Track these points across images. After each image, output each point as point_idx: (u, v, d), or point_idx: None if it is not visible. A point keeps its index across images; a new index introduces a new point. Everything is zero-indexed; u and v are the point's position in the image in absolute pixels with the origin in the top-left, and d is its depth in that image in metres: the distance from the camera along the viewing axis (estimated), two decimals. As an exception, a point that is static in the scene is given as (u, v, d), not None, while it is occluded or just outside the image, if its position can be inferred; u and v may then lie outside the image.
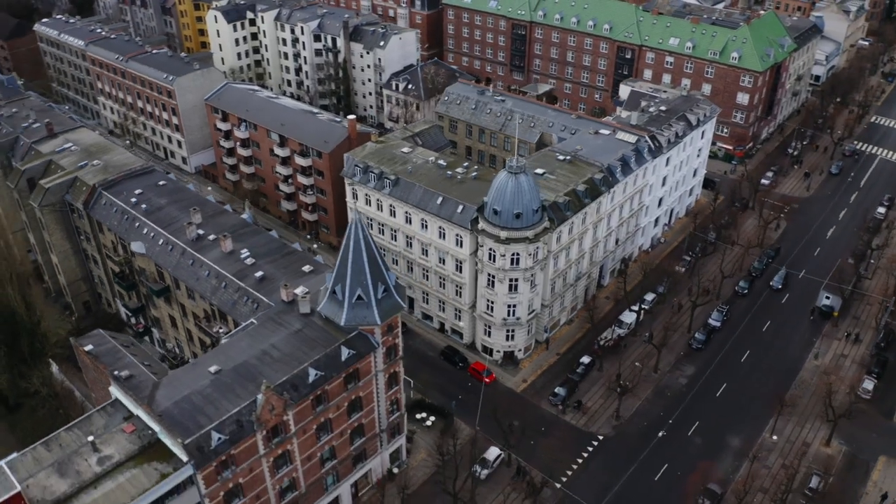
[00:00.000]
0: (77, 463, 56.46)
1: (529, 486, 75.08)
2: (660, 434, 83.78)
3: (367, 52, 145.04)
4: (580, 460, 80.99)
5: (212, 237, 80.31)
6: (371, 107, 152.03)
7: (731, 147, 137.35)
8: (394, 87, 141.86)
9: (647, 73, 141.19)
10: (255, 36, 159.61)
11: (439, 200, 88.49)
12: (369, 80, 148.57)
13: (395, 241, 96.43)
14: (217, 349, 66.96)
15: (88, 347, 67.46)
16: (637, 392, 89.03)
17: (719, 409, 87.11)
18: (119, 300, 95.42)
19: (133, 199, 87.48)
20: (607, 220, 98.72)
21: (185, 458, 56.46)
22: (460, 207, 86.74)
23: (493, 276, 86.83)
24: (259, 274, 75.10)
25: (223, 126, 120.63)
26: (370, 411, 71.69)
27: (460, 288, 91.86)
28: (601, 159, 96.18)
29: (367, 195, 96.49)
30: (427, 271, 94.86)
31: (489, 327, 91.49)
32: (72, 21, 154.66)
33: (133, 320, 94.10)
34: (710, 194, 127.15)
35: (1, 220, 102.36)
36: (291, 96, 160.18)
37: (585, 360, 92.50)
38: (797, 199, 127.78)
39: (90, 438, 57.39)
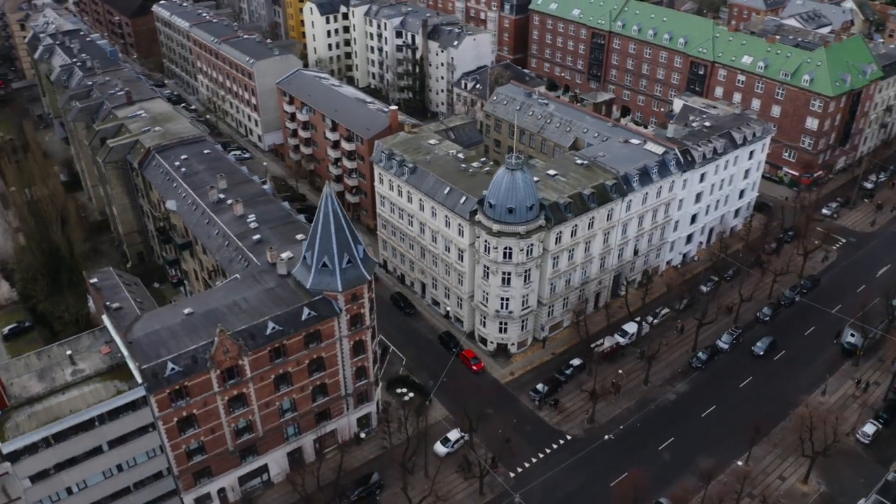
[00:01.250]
0: (55, 372, 65.61)
1: (479, 468, 77.56)
2: (629, 443, 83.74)
3: (442, 51, 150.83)
4: (541, 455, 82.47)
5: (229, 202, 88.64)
6: (442, 104, 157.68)
7: (797, 173, 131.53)
8: (463, 86, 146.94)
9: (719, 91, 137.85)
10: (346, 29, 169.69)
11: (446, 190, 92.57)
12: (442, 78, 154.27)
13: (411, 226, 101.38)
14: (197, 296, 75.08)
15: (93, 280, 77.34)
16: (619, 400, 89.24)
17: (700, 429, 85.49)
18: (162, 253, 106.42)
19: (177, 163, 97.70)
20: (621, 229, 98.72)
21: (139, 380, 64.25)
22: (463, 198, 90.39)
23: (488, 268, 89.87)
24: (257, 237, 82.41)
25: (289, 109, 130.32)
26: (334, 373, 77.07)
27: (461, 276, 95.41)
28: (619, 167, 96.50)
29: (389, 180, 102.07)
30: (435, 258, 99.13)
31: (484, 318, 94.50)
32: (184, 4, 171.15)
33: (172, 272, 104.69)
34: (764, 218, 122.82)
35: (85, 174, 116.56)
36: (373, 88, 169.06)
37: (575, 362, 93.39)
38: (857, 233, 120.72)
39: (68, 352, 66.53)
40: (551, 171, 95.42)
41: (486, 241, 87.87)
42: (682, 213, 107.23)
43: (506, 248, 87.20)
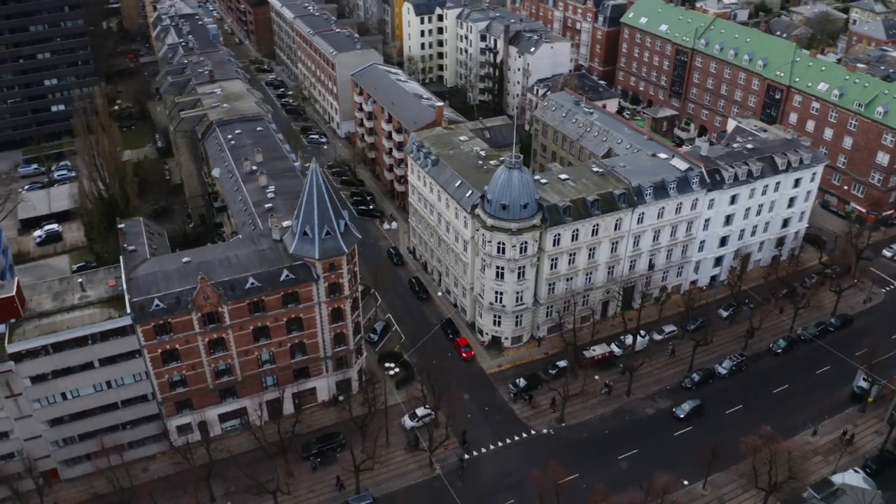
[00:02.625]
0: (66, 295, 77.05)
1: (430, 443, 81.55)
2: (590, 447, 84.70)
3: (520, 56, 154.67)
4: (500, 444, 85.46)
5: (257, 173, 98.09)
6: (517, 107, 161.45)
7: (864, 210, 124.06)
8: (535, 92, 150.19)
9: (793, 117, 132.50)
10: (440, 30, 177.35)
11: (457, 183, 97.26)
12: (518, 83, 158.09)
13: (431, 216, 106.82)
14: (199, 249, 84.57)
15: (121, 225, 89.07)
16: (595, 406, 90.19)
17: (667, 447, 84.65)
18: (213, 215, 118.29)
19: (230, 137, 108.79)
20: (632, 240, 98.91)
21: (128, 310, 74.32)
22: (469, 192, 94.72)
23: (485, 261, 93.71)
24: (269, 205, 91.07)
25: (358, 99, 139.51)
26: (312, 335, 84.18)
27: (465, 267, 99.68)
28: (635, 178, 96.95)
29: (417, 171, 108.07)
30: (447, 248, 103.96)
31: (481, 309, 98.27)
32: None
33: (217, 233, 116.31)
34: (815, 251, 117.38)
35: (174, 142, 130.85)
36: (459, 88, 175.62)
37: (562, 363, 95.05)
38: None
39: (80, 280, 77.93)
40: (563, 176, 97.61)
41: (483, 234, 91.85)
42: (708, 233, 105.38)
43: (499, 243, 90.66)
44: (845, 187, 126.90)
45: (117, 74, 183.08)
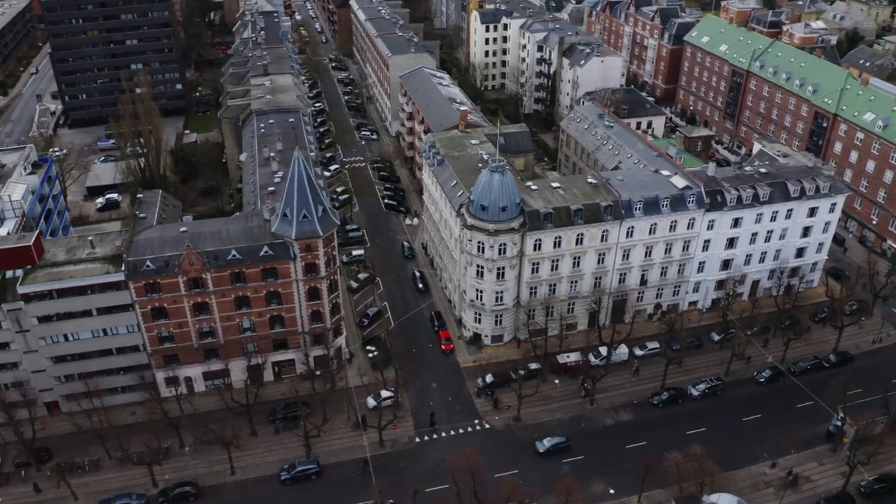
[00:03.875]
0: (78, 250, 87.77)
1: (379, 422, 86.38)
2: (535, 447, 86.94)
3: (570, 69, 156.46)
4: (453, 433, 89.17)
5: (272, 160, 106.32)
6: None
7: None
8: (580, 104, 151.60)
9: (837, 147, 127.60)
10: (505, 39, 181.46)
11: (453, 183, 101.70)
12: (567, 94, 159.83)
13: (436, 212, 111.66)
14: (198, 222, 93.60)
15: (139, 196, 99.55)
16: (556, 411, 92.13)
17: (616, 458, 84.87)
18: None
19: (262, 125, 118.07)
20: (621, 253, 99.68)
21: (123, 268, 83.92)
22: (461, 192, 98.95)
23: (466, 259, 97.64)
24: (272, 188, 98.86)
25: (402, 100, 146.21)
26: (290, 310, 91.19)
27: (455, 264, 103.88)
28: (626, 192, 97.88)
29: (427, 169, 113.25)
30: (445, 244, 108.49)
31: (464, 305, 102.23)
32: (374, 1, 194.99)
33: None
34: (835, 286, 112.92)
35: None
36: (517, 96, 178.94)
37: (533, 366, 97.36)
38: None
39: (90, 239, 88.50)
40: (555, 184, 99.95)
41: (464, 232, 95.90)
42: (708, 254, 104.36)
43: (479, 243, 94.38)
44: (883, 223, 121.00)
45: (207, 64, 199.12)
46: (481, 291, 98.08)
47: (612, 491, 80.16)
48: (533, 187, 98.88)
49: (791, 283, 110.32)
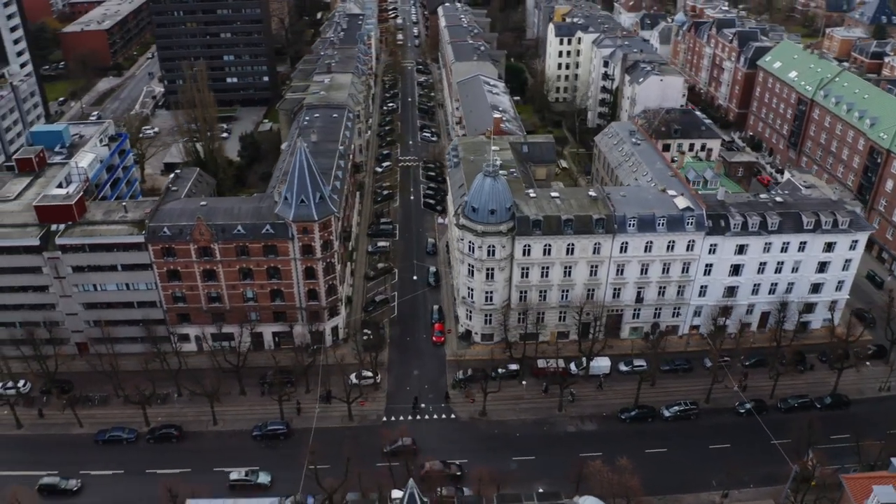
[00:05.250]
0: (113, 213, 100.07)
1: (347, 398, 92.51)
2: (495, 442, 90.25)
3: (630, 86, 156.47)
4: (419, 417, 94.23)
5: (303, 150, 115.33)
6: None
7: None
8: (635, 122, 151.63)
9: (889, 184, 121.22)
10: (578, 53, 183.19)
11: (460, 185, 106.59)
12: (625, 111, 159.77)
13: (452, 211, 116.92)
14: (218, 199, 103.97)
15: (178, 171, 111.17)
16: (523, 412, 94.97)
17: (565, 463, 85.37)
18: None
19: (307, 118, 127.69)
20: (614, 267, 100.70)
21: (143, 232, 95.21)
22: (463, 193, 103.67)
23: (459, 258, 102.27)
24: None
25: (456, 105, 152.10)
26: (289, 285, 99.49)
27: (458, 261, 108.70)
28: (623, 208, 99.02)
29: (447, 170, 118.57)
30: (454, 242, 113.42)
31: (458, 301, 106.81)
32: (457, 5, 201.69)
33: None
34: (857, 327, 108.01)
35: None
36: (583, 108, 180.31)
37: (513, 366, 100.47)
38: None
39: (124, 204, 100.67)
40: (554, 194, 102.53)
41: (457, 231, 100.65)
42: (710, 279, 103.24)
43: (469, 242, 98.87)
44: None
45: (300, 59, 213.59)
46: (471, 290, 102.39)
47: (540, 490, 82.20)
48: (531, 195, 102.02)
49: (807, 320, 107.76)
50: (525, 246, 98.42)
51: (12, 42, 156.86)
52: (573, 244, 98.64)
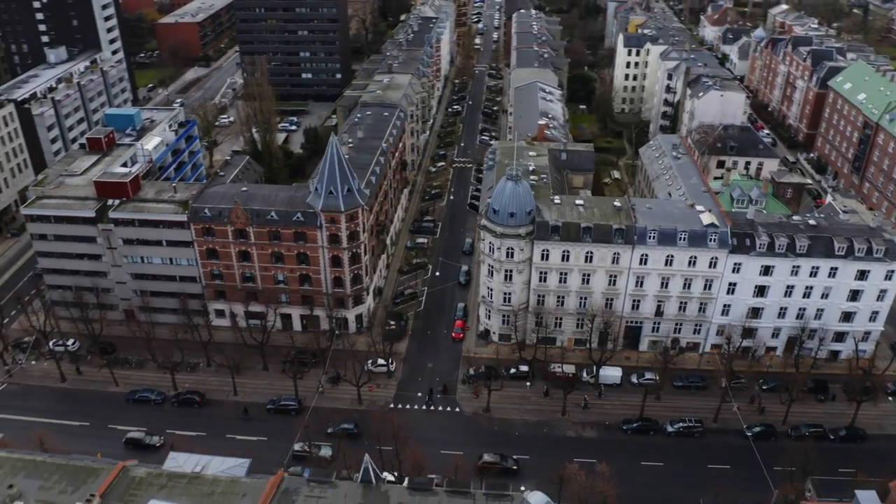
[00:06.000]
0: (164, 192, 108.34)
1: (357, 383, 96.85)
2: (493, 439, 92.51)
3: (690, 99, 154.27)
4: (424, 407, 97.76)
5: (348, 145, 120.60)
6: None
7: None
8: (692, 136, 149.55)
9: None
10: (646, 64, 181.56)
11: (490, 186, 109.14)
12: (685, 125, 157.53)
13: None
14: (260, 185, 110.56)
15: (228, 158, 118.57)
16: (527, 412, 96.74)
17: (556, 467, 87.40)
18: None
19: (359, 115, 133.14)
20: (633, 278, 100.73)
21: (187, 212, 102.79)
22: (491, 196, 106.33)
23: (480, 258, 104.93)
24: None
25: (510, 109, 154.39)
26: (316, 271, 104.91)
27: (480, 261, 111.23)
28: (646, 221, 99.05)
29: (484, 173, 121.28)
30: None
31: (479, 300, 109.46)
32: (532, 14, 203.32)
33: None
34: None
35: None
36: (645, 119, 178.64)
37: (523, 368, 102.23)
38: None
39: (174, 185, 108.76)
40: (579, 202, 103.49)
41: (480, 232, 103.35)
42: (734, 298, 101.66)
43: (490, 243, 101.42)
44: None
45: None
46: (490, 290, 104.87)
47: (522, 488, 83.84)
48: (556, 201, 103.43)
49: (837, 349, 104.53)
50: (543, 250, 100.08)
51: (105, 30, 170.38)
52: (592, 252, 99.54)
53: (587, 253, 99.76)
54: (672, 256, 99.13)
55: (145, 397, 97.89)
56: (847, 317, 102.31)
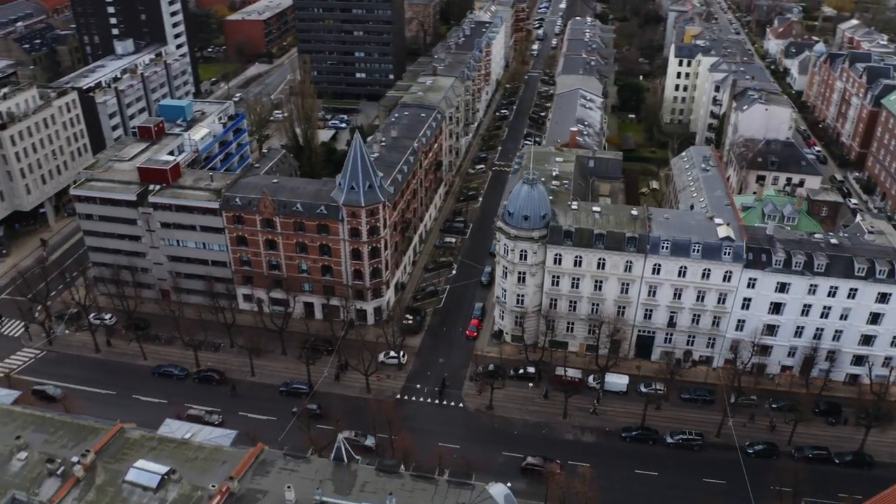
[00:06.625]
0: (201, 180, 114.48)
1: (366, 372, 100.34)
2: (494, 436, 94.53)
3: (734, 112, 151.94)
4: (429, 400, 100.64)
5: (380, 143, 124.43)
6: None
7: None
8: (733, 148, 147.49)
9: None
10: (697, 75, 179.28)
11: (510, 190, 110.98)
12: (729, 138, 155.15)
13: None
14: (290, 178, 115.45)
15: (265, 151, 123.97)
16: (530, 413, 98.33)
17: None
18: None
19: (397, 115, 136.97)
20: (646, 288, 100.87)
21: (219, 200, 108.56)
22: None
23: (496, 258, 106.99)
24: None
25: (550, 116, 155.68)
26: (337, 263, 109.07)
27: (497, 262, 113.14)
28: (662, 231, 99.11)
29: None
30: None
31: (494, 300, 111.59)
32: (587, 21, 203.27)
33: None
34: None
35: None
36: (692, 131, 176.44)
37: (530, 369, 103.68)
38: None
39: (211, 174, 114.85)
40: (596, 209, 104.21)
41: (496, 233, 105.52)
42: (748, 314, 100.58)
43: (504, 245, 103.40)
44: None
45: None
46: (504, 290, 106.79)
47: (508, 484, 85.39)
48: (573, 206, 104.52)
49: (856, 373, 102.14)
50: (556, 255, 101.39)
51: (171, 25, 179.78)
52: (604, 259, 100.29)
53: (599, 259, 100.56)
54: (685, 268, 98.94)
55: (169, 372, 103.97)
56: (867, 340, 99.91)
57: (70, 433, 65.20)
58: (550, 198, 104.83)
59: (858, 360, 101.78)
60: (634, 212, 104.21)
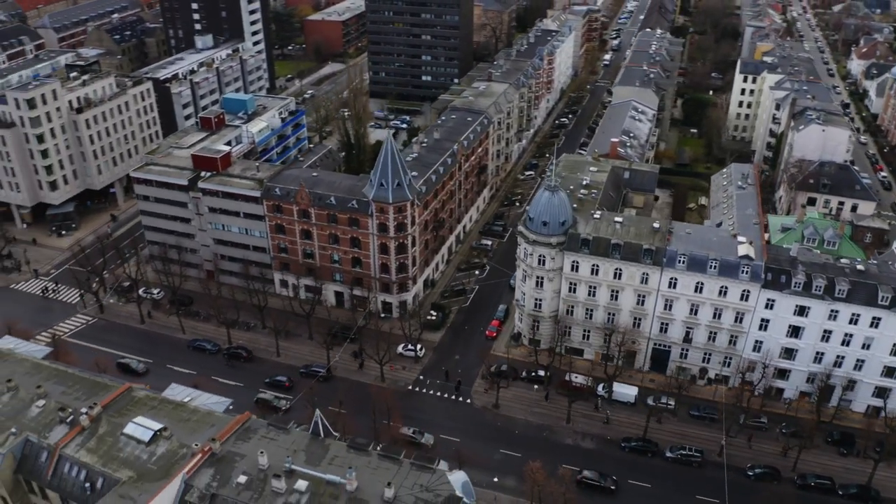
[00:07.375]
0: (248, 170, 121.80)
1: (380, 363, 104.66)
2: (498, 434, 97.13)
3: (791, 131, 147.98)
4: (439, 393, 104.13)
5: (420, 144, 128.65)
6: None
7: None
8: (787, 169, 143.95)
9: None
10: (761, 92, 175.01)
11: (536, 194, 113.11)
12: (784, 156, 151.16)
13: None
14: (329, 173, 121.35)
15: (310, 146, 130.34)
16: (535, 414, 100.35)
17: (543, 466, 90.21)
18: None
19: (444, 118, 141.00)
20: (662, 301, 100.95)
21: (259, 188, 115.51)
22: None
23: (516, 261, 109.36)
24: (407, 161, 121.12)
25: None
26: (366, 255, 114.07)
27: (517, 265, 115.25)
28: (680, 245, 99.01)
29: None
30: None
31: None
32: (656, 34, 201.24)
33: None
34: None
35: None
36: (752, 149, 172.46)
37: (540, 373, 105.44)
38: None
39: (257, 165, 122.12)
40: (618, 219, 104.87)
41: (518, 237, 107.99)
42: (766, 335, 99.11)
43: (524, 248, 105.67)
44: None
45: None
46: (523, 294, 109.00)
47: (494, 479, 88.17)
48: (595, 215, 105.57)
49: (878, 405, 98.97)
50: (573, 262, 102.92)
51: (249, 23, 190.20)
52: (621, 269, 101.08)
53: (616, 269, 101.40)
54: (702, 283, 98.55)
55: (202, 346, 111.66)
56: (890, 372, 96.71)
57: (85, 388, 72.41)
58: (575, 206, 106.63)
59: (881, 392, 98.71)
60: (656, 224, 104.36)
